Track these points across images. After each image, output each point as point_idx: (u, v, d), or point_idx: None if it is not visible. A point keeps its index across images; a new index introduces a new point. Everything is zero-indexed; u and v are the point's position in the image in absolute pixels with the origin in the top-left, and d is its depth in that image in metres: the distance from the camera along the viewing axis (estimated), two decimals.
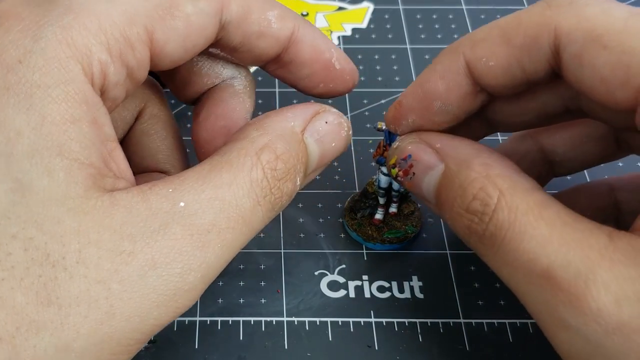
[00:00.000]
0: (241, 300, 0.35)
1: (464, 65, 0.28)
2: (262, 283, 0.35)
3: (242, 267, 0.36)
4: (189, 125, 0.42)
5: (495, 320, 0.34)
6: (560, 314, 0.24)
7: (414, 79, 0.45)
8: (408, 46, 0.47)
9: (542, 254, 0.24)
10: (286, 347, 0.33)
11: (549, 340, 0.25)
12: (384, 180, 0.36)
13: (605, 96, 0.25)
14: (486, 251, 0.27)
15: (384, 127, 0.33)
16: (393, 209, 0.37)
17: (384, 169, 0.35)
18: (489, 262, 0.27)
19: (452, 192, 0.27)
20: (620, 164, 0.40)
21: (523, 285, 0.26)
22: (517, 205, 0.26)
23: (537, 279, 0.25)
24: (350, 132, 0.30)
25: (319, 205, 0.38)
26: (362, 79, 0.45)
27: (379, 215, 0.37)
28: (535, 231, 0.25)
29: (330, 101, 0.43)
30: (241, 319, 0.34)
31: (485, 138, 0.33)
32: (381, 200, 0.37)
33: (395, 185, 0.36)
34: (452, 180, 0.27)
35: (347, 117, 0.42)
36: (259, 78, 0.45)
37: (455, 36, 0.47)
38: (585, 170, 0.39)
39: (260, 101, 0.43)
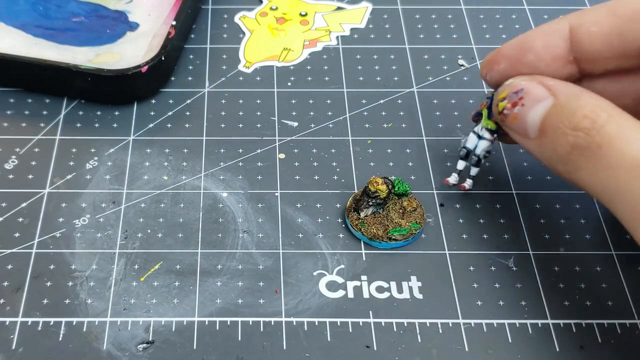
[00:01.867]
0: (239, 301, 0.35)
1: (566, 29, 0.32)
2: (261, 283, 0.35)
3: (240, 267, 0.36)
4: (187, 125, 0.42)
5: (494, 321, 0.34)
6: None
7: (413, 79, 0.45)
8: (407, 46, 0.47)
9: None
10: (285, 347, 0.33)
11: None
12: (472, 139, 0.37)
13: None
14: (585, 162, 0.29)
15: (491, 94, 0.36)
16: (473, 172, 0.38)
17: (477, 128, 0.37)
18: (582, 174, 0.30)
19: (560, 117, 0.30)
20: None
21: (624, 182, 0.28)
22: (625, 122, 0.29)
23: None
24: None
25: (318, 205, 0.38)
26: (361, 79, 0.45)
27: (452, 179, 0.38)
28: None
29: (328, 101, 0.43)
30: (239, 319, 0.34)
31: None
32: (460, 165, 0.38)
33: (479, 150, 0.37)
34: (562, 108, 0.30)
35: (346, 117, 0.42)
36: (257, 78, 0.45)
37: (455, 36, 0.47)
38: None
39: (258, 101, 0.43)
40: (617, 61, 0.31)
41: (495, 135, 0.36)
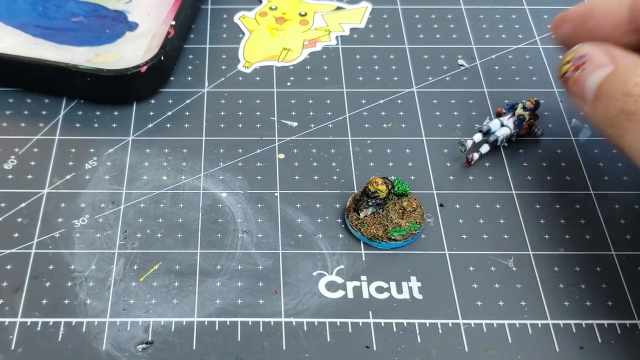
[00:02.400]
0: (239, 301, 0.35)
1: (630, 1, 0.34)
2: (260, 284, 0.35)
3: (239, 267, 0.36)
4: (186, 126, 0.42)
5: (494, 321, 0.34)
6: None
7: (412, 79, 0.45)
8: (407, 46, 0.47)
9: None
10: (284, 347, 0.33)
11: None
12: (496, 123, 0.41)
13: None
14: (630, 126, 0.31)
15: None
16: (484, 150, 0.40)
17: (503, 118, 0.41)
18: (628, 138, 0.31)
19: (614, 83, 0.32)
20: None
21: None
22: None
23: None
24: None
25: (317, 205, 0.38)
26: (360, 79, 0.45)
27: (469, 143, 0.40)
28: None
29: (328, 101, 0.43)
30: (239, 319, 0.34)
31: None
32: (477, 137, 0.40)
33: (500, 132, 0.40)
34: (618, 75, 0.32)
35: (345, 117, 0.42)
36: (257, 78, 0.44)
37: (454, 36, 0.47)
38: None
39: (257, 101, 0.43)
40: None
41: (516, 130, 0.40)
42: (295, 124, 0.42)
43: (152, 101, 0.43)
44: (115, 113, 0.42)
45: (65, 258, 0.36)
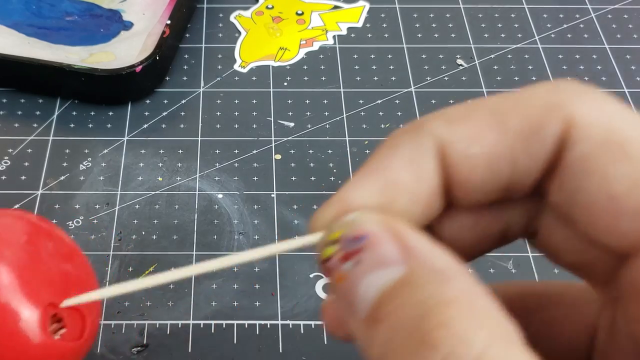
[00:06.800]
0: (235, 304, 0.34)
1: (435, 149, 0.20)
2: (257, 286, 0.35)
3: (236, 269, 0.36)
4: (182, 126, 0.41)
5: None
6: None
7: (410, 79, 0.45)
8: (405, 46, 0.46)
9: None
10: (281, 350, 0.33)
11: None
12: None
13: (606, 222, 0.18)
14: None
15: None
16: None
17: None
18: None
19: (406, 299, 0.18)
20: None
21: None
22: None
23: None
24: None
25: (314, 207, 0.38)
26: (358, 78, 0.44)
27: None
28: None
29: (325, 101, 0.43)
30: (235, 322, 0.34)
31: None
32: None
33: None
34: (413, 289, 0.18)
35: (343, 118, 0.42)
36: (253, 78, 0.44)
37: (453, 35, 0.47)
38: None
39: (254, 101, 0.43)
40: (503, 192, 0.20)
41: None
42: (292, 124, 0.42)
43: (147, 101, 0.43)
44: (110, 113, 0.42)
45: None
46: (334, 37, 0.47)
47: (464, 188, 0.20)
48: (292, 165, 0.40)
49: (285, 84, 0.44)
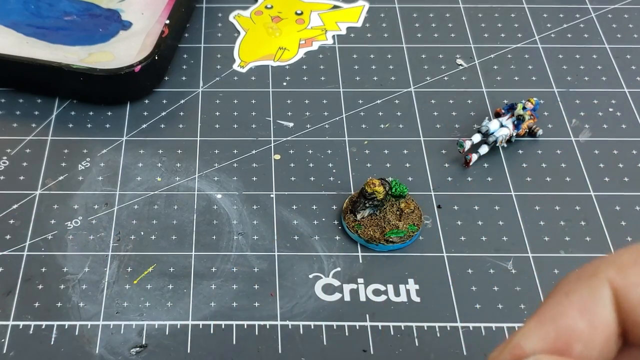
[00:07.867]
0: (234, 304, 0.34)
1: (610, 296, 0.21)
2: (256, 286, 0.35)
3: (235, 270, 0.35)
4: (181, 126, 0.41)
5: (493, 325, 0.34)
6: None
7: (410, 79, 0.44)
8: (404, 45, 0.46)
9: None
10: (280, 351, 0.33)
11: None
12: (495, 124, 0.40)
13: None
14: None
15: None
16: (483, 151, 0.40)
17: (502, 119, 0.40)
18: None
19: None
20: None
21: None
22: None
23: None
24: None
25: (314, 207, 0.38)
26: (357, 78, 0.44)
27: (468, 144, 0.39)
28: None
29: (324, 101, 0.43)
30: (234, 323, 0.34)
31: None
32: (476, 138, 0.40)
33: (499, 133, 0.40)
34: None
35: (342, 118, 0.42)
36: (252, 78, 0.44)
37: (453, 35, 0.47)
38: None
39: (253, 101, 0.43)
40: None
41: (515, 130, 0.40)
42: (291, 124, 0.42)
43: (146, 101, 0.43)
44: (109, 113, 0.42)
45: (57, 260, 0.36)
46: (333, 36, 0.47)
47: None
48: (292, 165, 0.40)
49: (285, 83, 0.44)
